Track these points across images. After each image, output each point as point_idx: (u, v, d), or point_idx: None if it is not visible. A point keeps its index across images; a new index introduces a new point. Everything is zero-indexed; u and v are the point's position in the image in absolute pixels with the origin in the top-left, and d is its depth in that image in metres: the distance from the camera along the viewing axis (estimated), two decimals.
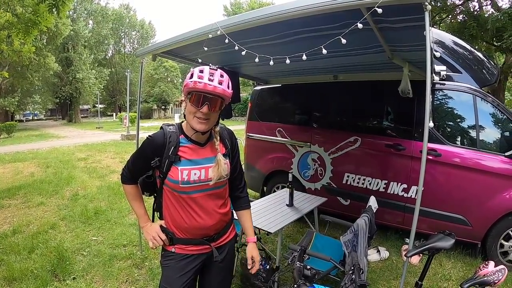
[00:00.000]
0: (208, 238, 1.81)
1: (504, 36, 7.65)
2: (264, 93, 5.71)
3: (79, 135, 20.74)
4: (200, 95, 1.60)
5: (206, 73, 1.60)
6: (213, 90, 1.58)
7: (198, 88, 1.58)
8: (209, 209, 1.76)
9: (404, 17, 2.24)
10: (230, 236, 1.94)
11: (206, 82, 1.57)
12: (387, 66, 3.72)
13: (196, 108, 1.62)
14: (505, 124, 3.88)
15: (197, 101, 1.61)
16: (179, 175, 1.67)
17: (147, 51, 3.73)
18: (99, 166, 9.49)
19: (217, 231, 1.84)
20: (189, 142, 1.73)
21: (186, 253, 1.79)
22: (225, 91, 1.61)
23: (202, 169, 1.71)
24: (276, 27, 2.54)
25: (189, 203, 1.73)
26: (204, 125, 1.65)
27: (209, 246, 1.81)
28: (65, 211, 5.50)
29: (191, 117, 1.66)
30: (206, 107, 1.60)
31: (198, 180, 1.70)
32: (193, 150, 1.73)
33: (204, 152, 1.75)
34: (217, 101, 1.63)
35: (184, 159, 1.70)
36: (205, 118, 1.63)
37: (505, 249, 3.80)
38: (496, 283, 1.88)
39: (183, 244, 1.79)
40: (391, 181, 4.30)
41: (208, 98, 1.60)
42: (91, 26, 36.51)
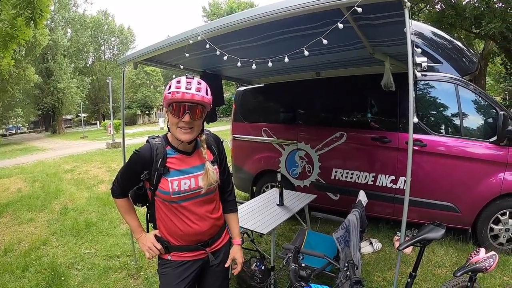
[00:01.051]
0: (203, 243, 1.83)
1: (482, 23, 7.80)
2: (247, 94, 5.70)
3: (64, 146, 20.42)
4: (179, 105, 1.62)
5: (183, 82, 1.62)
6: (191, 98, 1.59)
7: (177, 98, 1.60)
8: (201, 215, 1.78)
9: (384, 14, 2.26)
10: (224, 240, 1.96)
11: (183, 91, 1.59)
12: (369, 61, 3.75)
13: (178, 118, 1.63)
14: (488, 111, 3.96)
15: (177, 111, 1.62)
16: (169, 186, 1.69)
17: (128, 59, 3.69)
18: (87, 176, 9.37)
19: (211, 236, 1.86)
20: (176, 152, 1.75)
21: (182, 260, 1.81)
22: (203, 98, 1.62)
23: (192, 178, 1.73)
24: (257, 29, 2.53)
25: (181, 211, 1.75)
26: (188, 134, 1.66)
27: (205, 251, 1.84)
28: (55, 226, 5.42)
29: (174, 128, 1.67)
30: (188, 116, 1.62)
31: (189, 189, 1.72)
32: (181, 160, 1.74)
33: (192, 160, 1.77)
34: (197, 108, 1.64)
35: (173, 170, 1.71)
36: (189, 127, 1.65)
37: (495, 233, 3.88)
38: (488, 269, 1.92)
39: (179, 251, 1.81)
40: (379, 173, 4.35)
41: (188, 106, 1.62)
42: (69, 35, 35.89)
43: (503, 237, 3.86)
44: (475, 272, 1.96)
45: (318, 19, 2.37)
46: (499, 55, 12.20)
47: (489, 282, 3.28)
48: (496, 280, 3.33)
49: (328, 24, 2.21)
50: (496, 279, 3.34)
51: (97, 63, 44.24)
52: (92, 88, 40.12)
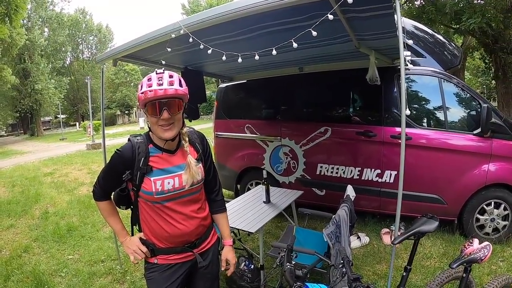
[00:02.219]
0: (190, 244, 1.78)
1: (462, 19, 7.95)
2: (229, 91, 5.64)
3: (43, 149, 19.89)
4: (155, 103, 1.55)
5: (154, 79, 1.55)
6: (164, 94, 1.53)
7: (150, 97, 1.53)
8: (187, 214, 1.73)
9: (373, 6, 2.22)
10: (212, 241, 1.91)
11: (155, 88, 1.52)
12: (353, 55, 3.74)
13: (156, 117, 1.57)
14: (471, 103, 4.02)
15: (154, 110, 1.56)
16: (152, 186, 1.63)
17: (107, 56, 3.57)
18: (67, 179, 9.13)
19: (198, 236, 1.80)
20: (159, 151, 1.69)
21: (169, 263, 1.75)
22: (177, 91, 1.56)
23: (175, 177, 1.67)
24: (241, 23, 2.47)
25: (166, 211, 1.69)
26: (170, 131, 1.61)
27: (192, 253, 1.78)
28: (37, 232, 5.23)
29: (155, 128, 1.62)
30: (166, 113, 1.56)
31: (173, 189, 1.66)
32: (164, 158, 1.69)
33: (176, 159, 1.71)
34: (174, 103, 1.58)
35: (156, 169, 1.66)
36: (169, 124, 1.59)
37: (481, 223, 3.95)
38: (483, 260, 1.93)
39: (165, 254, 1.75)
40: (364, 167, 4.36)
41: (164, 103, 1.55)
42: (47, 34, 34.99)
43: (489, 227, 3.94)
44: (470, 263, 1.97)
45: (304, 12, 2.32)
46: (477, 50, 12.47)
47: (477, 271, 3.34)
48: (484, 269, 3.39)
49: (315, 16, 2.17)
50: (485, 268, 3.40)
51: (75, 62, 43.23)
52: (70, 89, 39.15)
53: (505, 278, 2.12)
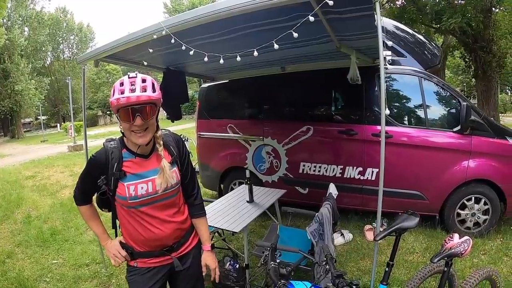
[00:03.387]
0: (168, 248, 1.78)
1: (443, 19, 8.13)
2: (211, 91, 5.63)
3: (24, 151, 19.38)
4: (127, 109, 1.52)
5: (127, 84, 1.52)
6: (137, 100, 1.50)
7: (123, 104, 1.51)
8: (163, 218, 1.72)
9: (353, 7, 2.26)
10: (192, 243, 1.89)
11: (128, 95, 1.49)
12: (335, 55, 3.78)
13: (130, 124, 1.55)
14: (451, 102, 4.12)
15: (127, 116, 1.53)
16: (126, 191, 1.63)
17: (88, 56, 3.53)
18: (49, 182, 8.93)
19: (176, 240, 1.80)
20: (132, 155, 1.68)
21: (148, 266, 1.76)
22: (150, 97, 1.53)
23: (149, 182, 1.66)
24: (224, 23, 2.48)
25: (141, 216, 1.69)
26: (144, 137, 1.59)
27: (170, 257, 1.78)
28: (19, 237, 5.11)
29: (129, 133, 1.60)
30: (139, 119, 1.53)
31: (146, 194, 1.65)
32: (137, 163, 1.68)
33: (149, 163, 1.69)
34: (147, 109, 1.55)
35: (130, 174, 1.65)
36: (143, 130, 1.57)
37: (462, 218, 4.06)
38: (463, 254, 1.98)
39: (144, 258, 1.76)
40: (346, 165, 4.42)
41: (136, 109, 1.52)
42: (27, 33, 34.05)
43: (469, 221, 4.05)
44: (451, 257, 2.02)
45: (286, 13, 2.34)
46: (458, 49, 12.76)
47: (460, 265, 3.42)
48: (466, 262, 3.48)
49: (297, 17, 2.19)
50: (467, 262, 3.49)
51: (55, 62, 42.29)
52: (51, 89, 38.24)
53: (486, 271, 2.18)
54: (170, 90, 4.18)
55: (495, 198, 3.93)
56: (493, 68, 9.75)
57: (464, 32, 9.32)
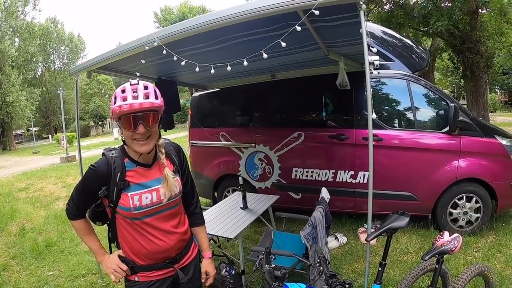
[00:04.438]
0: (171, 260, 1.74)
1: (430, 22, 8.26)
2: (203, 99, 5.66)
3: (16, 163, 19.22)
4: (129, 117, 1.48)
5: (129, 91, 1.47)
6: (140, 107, 1.46)
7: (125, 111, 1.46)
8: (167, 230, 1.69)
9: (339, 16, 2.33)
10: (193, 254, 1.87)
11: (130, 102, 1.45)
12: (324, 61, 3.85)
13: (132, 131, 1.50)
14: (439, 103, 4.20)
15: (129, 124, 1.49)
16: (130, 202, 1.57)
17: (81, 68, 3.55)
18: (42, 194, 8.88)
19: (178, 251, 1.76)
20: (135, 165, 1.63)
21: (150, 280, 1.70)
22: (153, 104, 1.49)
23: (153, 192, 1.62)
24: (214, 34, 2.53)
25: (145, 228, 1.64)
26: (147, 145, 1.55)
27: (173, 268, 1.74)
28: (14, 249, 5.08)
29: (130, 142, 1.56)
30: (142, 127, 1.49)
31: (151, 204, 1.61)
32: (141, 173, 1.63)
33: (152, 173, 1.66)
34: (150, 116, 1.51)
35: (133, 184, 1.60)
36: (145, 137, 1.53)
37: (454, 217, 4.11)
38: (454, 251, 2.03)
39: (146, 271, 1.70)
40: (338, 170, 4.47)
41: (139, 117, 1.48)
42: (17, 44, 33.80)
43: (462, 220, 4.10)
44: (442, 254, 2.05)
45: (274, 22, 2.40)
46: (446, 51, 12.95)
47: (453, 263, 3.48)
48: (460, 260, 3.54)
49: (284, 27, 2.25)
50: (460, 260, 3.55)
51: (46, 73, 42.01)
52: (42, 100, 38.05)
53: (478, 267, 2.22)
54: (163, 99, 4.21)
55: (486, 196, 3.99)
56: (481, 69, 9.89)
57: (451, 34, 9.47)
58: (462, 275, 2.15)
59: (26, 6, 34.64)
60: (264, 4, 2.06)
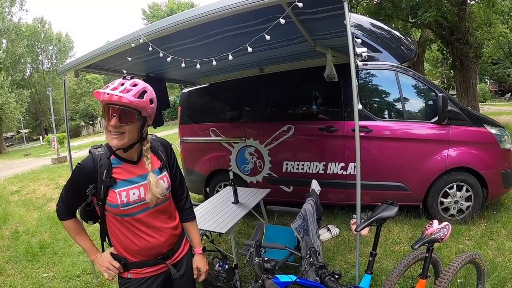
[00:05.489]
0: (163, 256, 1.74)
1: (418, 13, 8.30)
2: (192, 95, 5.65)
3: (7, 166, 19.01)
4: (108, 107, 1.47)
5: (116, 83, 1.48)
6: (118, 100, 1.44)
7: (105, 100, 1.46)
8: (157, 226, 1.69)
9: (324, 8, 2.33)
10: (184, 250, 1.87)
11: (111, 92, 1.43)
12: (311, 54, 3.84)
13: (107, 122, 1.50)
14: (428, 93, 4.23)
15: (106, 113, 1.49)
16: (117, 198, 1.57)
17: (68, 67, 3.53)
18: (35, 196, 8.81)
19: (170, 247, 1.77)
20: (121, 161, 1.62)
21: (143, 277, 1.70)
22: (132, 101, 1.45)
23: (141, 187, 1.61)
24: (200, 29, 2.52)
25: (135, 224, 1.64)
26: (117, 140, 1.51)
27: (165, 264, 1.75)
28: (8, 253, 5.04)
29: (106, 132, 1.54)
30: (115, 119, 1.46)
31: (139, 200, 1.61)
32: (127, 169, 1.62)
33: (139, 169, 1.64)
34: (127, 112, 1.48)
35: (120, 180, 1.59)
36: (119, 132, 1.51)
37: (445, 206, 4.16)
38: (443, 239, 2.04)
39: (138, 268, 1.70)
40: (329, 162, 4.49)
41: (115, 109, 1.47)
42: (5, 46, 33.34)
43: (453, 208, 4.15)
44: (432, 243, 2.06)
45: (259, 16, 2.40)
46: (435, 42, 13.01)
47: (445, 251, 3.52)
48: (452, 248, 3.58)
49: (270, 20, 2.25)
50: (452, 248, 3.59)
51: (35, 74, 41.53)
52: (31, 102, 37.54)
53: (468, 255, 2.22)
54: None
55: (477, 185, 4.04)
56: (470, 59, 9.98)
57: (440, 25, 9.53)
58: (452, 263, 2.15)
59: (12, 6, 34.14)
60: None
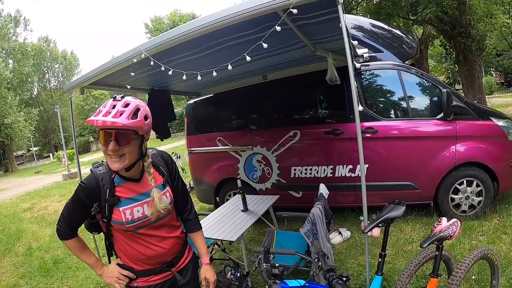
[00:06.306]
0: (168, 264, 1.78)
1: (418, 10, 8.27)
2: (198, 106, 5.69)
3: (19, 184, 19.29)
4: (103, 132, 1.49)
5: (107, 107, 1.48)
6: (112, 125, 1.44)
7: (99, 126, 1.46)
8: (161, 236, 1.73)
9: (319, 12, 2.35)
10: (188, 257, 1.91)
11: (103, 119, 1.44)
12: (312, 58, 3.85)
13: (105, 147, 1.51)
14: (432, 90, 4.20)
15: (102, 139, 1.51)
16: (122, 216, 1.60)
17: (73, 85, 3.60)
18: (47, 213, 8.93)
19: (174, 255, 1.81)
20: (124, 180, 1.64)
21: (149, 285, 1.75)
22: (125, 125, 1.45)
23: (144, 204, 1.64)
24: (200, 40, 2.55)
25: (140, 237, 1.68)
26: (117, 163, 1.53)
27: (171, 272, 1.79)
28: (22, 269, 5.12)
29: (105, 155, 1.56)
30: (112, 144, 1.48)
31: (143, 216, 1.64)
32: (130, 188, 1.65)
33: (141, 187, 1.67)
34: (123, 135, 1.49)
35: (124, 199, 1.62)
36: (118, 155, 1.52)
37: (456, 202, 4.11)
38: (452, 236, 2.02)
39: (145, 276, 1.74)
40: (336, 165, 4.47)
41: (110, 134, 1.48)
42: (11, 66, 33.94)
43: (464, 204, 4.10)
44: (441, 241, 2.04)
45: (257, 24, 2.43)
46: (437, 38, 12.92)
47: (459, 248, 3.47)
48: (465, 245, 3.52)
49: (268, 27, 2.27)
50: (465, 245, 3.53)
51: (42, 92, 42.27)
52: (40, 119, 38.20)
53: (480, 251, 2.19)
54: (157, 109, 4.20)
55: (487, 179, 3.98)
56: (473, 52, 9.86)
57: (441, 20, 9.45)
58: (464, 260, 2.12)
59: (17, 27, 34.86)
60: (244, 7, 2.10)
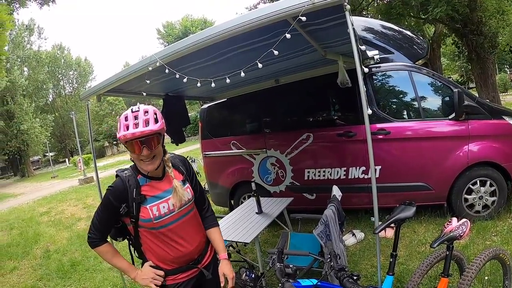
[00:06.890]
0: (194, 261, 1.90)
1: (429, 9, 8.22)
2: (212, 110, 5.77)
3: (35, 189, 19.67)
4: (133, 143, 1.66)
5: (130, 119, 1.65)
6: (141, 134, 1.63)
7: (129, 138, 1.64)
8: (189, 235, 1.86)
9: (328, 18, 2.41)
10: (212, 253, 2.03)
11: (132, 131, 1.62)
12: (324, 62, 3.90)
13: (137, 154, 1.68)
14: (443, 90, 4.18)
15: (133, 149, 1.67)
16: (150, 213, 1.72)
17: (90, 93, 3.72)
18: (64, 216, 9.12)
19: (200, 253, 1.93)
20: (148, 179, 1.79)
21: (177, 282, 1.86)
22: (153, 130, 1.65)
23: (169, 200, 1.77)
24: (213, 48, 2.63)
25: (169, 235, 1.79)
26: (152, 164, 1.72)
27: (198, 268, 1.91)
28: (40, 271, 5.25)
29: (138, 161, 1.74)
30: (145, 150, 1.66)
31: (169, 212, 1.77)
32: (154, 186, 1.79)
33: (164, 185, 1.81)
34: (152, 139, 1.68)
35: (149, 197, 1.75)
36: (150, 158, 1.70)
37: (470, 202, 4.07)
38: (462, 236, 2.03)
39: (173, 275, 1.85)
40: (349, 167, 4.48)
41: (142, 141, 1.65)
42: (26, 73, 34.69)
43: (478, 205, 4.06)
44: (451, 241, 2.05)
45: (268, 31, 2.49)
46: (449, 36, 12.79)
47: (472, 248, 3.45)
48: (479, 246, 3.49)
49: (278, 34, 2.34)
50: (479, 245, 3.50)
51: (57, 99, 42.99)
52: (56, 125, 38.89)
53: (491, 251, 2.19)
54: (172, 115, 4.38)
55: (501, 179, 3.95)
56: (486, 49, 9.72)
57: (452, 19, 9.36)
58: (475, 260, 2.12)
59: (31, 35, 35.61)
60: (255, 16, 2.18)
